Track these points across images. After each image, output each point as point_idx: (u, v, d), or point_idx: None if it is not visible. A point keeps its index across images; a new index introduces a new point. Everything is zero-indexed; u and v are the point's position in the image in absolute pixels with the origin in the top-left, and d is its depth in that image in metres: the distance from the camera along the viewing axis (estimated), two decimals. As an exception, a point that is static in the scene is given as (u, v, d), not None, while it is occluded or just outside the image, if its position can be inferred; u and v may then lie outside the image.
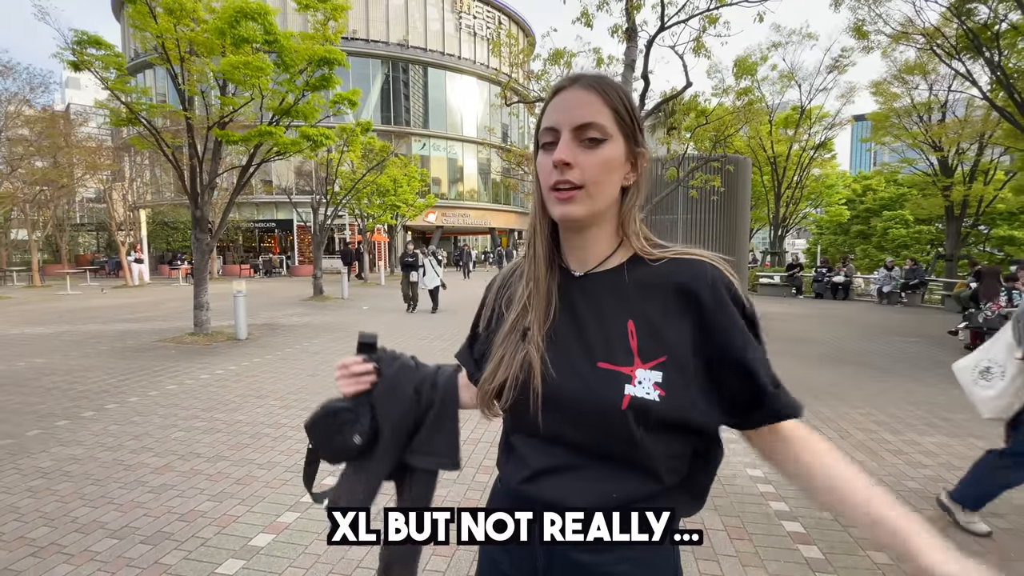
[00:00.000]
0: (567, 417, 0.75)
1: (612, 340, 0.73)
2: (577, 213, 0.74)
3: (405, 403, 0.92)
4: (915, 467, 3.57)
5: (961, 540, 2.67)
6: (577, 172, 0.72)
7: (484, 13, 35.77)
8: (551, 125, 0.74)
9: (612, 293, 0.76)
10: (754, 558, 2.49)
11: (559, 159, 0.72)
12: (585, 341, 0.75)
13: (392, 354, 0.96)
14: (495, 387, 0.80)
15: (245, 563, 2.43)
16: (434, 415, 0.93)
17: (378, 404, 0.91)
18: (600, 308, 0.76)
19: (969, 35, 9.76)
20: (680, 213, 9.31)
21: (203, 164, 8.46)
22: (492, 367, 0.81)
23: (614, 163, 0.74)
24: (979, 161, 16.63)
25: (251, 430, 4.22)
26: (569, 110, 0.73)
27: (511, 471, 0.83)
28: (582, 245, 0.79)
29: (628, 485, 0.75)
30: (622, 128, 0.74)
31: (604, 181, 0.73)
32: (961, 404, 5.05)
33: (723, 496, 3.12)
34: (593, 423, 0.73)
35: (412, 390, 0.93)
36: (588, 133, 0.72)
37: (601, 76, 0.76)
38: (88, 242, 33.98)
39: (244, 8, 7.33)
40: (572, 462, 0.77)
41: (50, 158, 19.97)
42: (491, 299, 0.89)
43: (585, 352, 0.74)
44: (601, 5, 6.33)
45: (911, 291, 13.92)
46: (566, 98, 0.74)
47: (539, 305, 0.78)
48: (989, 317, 7.38)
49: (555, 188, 0.73)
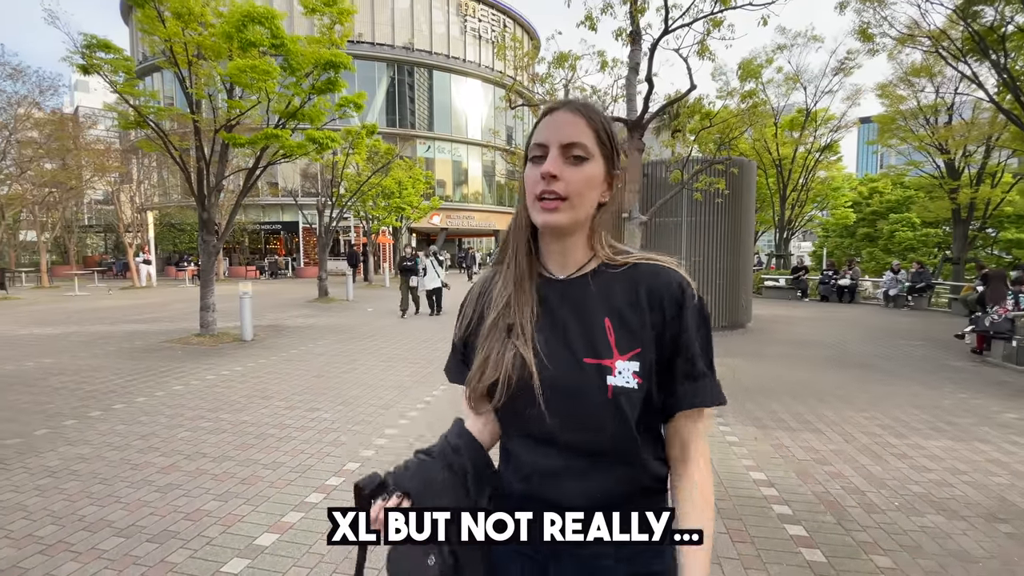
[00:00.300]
0: (558, 412, 0.79)
1: (593, 336, 0.80)
2: (560, 221, 0.81)
3: (450, 492, 0.81)
4: (919, 471, 3.56)
5: (966, 545, 2.66)
6: (562, 184, 0.79)
7: (489, 16, 35.90)
8: (541, 141, 0.82)
9: (588, 295, 0.83)
10: (756, 560, 2.49)
11: (547, 171, 0.79)
12: (568, 339, 0.81)
13: (402, 468, 0.84)
14: (485, 385, 0.83)
15: (250, 562, 2.46)
16: (472, 479, 0.84)
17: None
18: (579, 308, 0.83)
19: (975, 37, 9.72)
20: (684, 216, 9.30)
21: (210, 167, 8.54)
22: (479, 364, 0.84)
23: (595, 180, 0.82)
24: (986, 164, 16.53)
25: (256, 431, 4.25)
26: (558, 129, 0.81)
27: (510, 475, 0.86)
28: (561, 251, 0.86)
29: (621, 480, 0.80)
30: (603, 150, 0.82)
31: (585, 195, 0.81)
32: (965, 408, 5.03)
33: (726, 499, 3.12)
34: (583, 416, 0.79)
35: (443, 472, 0.82)
36: (574, 151, 0.80)
37: (588, 103, 0.84)
38: (96, 243, 34.27)
39: (251, 12, 7.40)
40: (568, 462, 0.80)
41: (59, 160, 20.18)
42: (470, 307, 0.93)
43: (569, 349, 0.81)
44: (605, 8, 6.35)
45: (917, 294, 13.83)
46: (556, 119, 0.81)
47: (524, 303, 0.84)
48: (995, 321, 7.33)
49: (540, 198, 0.80)
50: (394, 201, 20.75)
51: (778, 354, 7.59)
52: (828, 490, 3.26)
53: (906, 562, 2.50)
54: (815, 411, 4.87)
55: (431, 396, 5.30)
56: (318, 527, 2.77)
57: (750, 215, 10.14)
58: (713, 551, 2.56)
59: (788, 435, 4.22)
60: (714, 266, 9.43)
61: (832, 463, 3.68)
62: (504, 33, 28.69)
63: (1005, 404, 5.19)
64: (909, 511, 3.00)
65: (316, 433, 4.19)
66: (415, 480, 0.81)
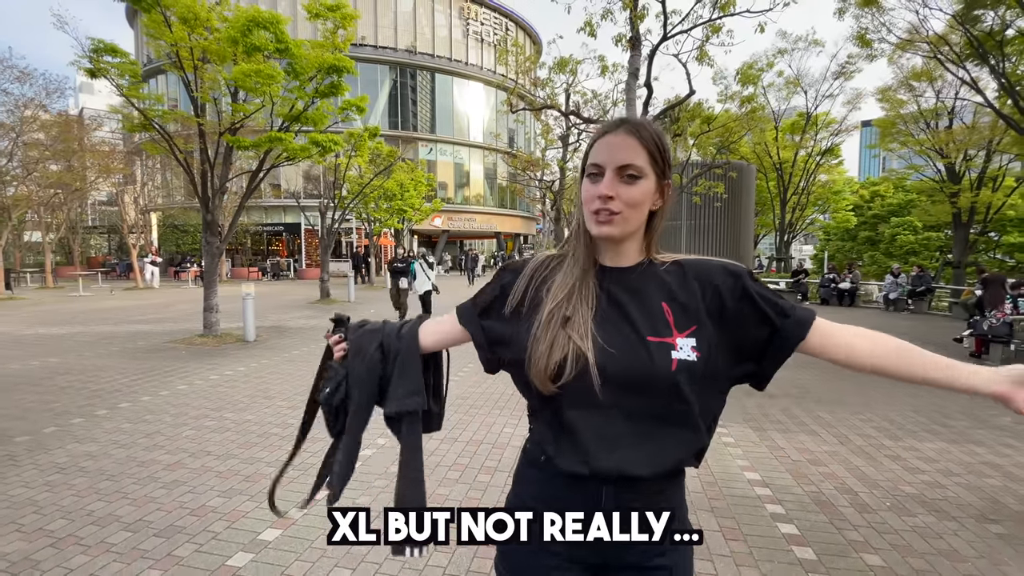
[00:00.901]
0: (624, 385, 0.89)
1: (654, 318, 0.91)
2: (613, 233, 0.92)
3: (369, 360, 1.04)
4: (912, 472, 3.61)
5: (956, 545, 2.71)
6: (616, 203, 0.89)
7: (491, 20, 36.04)
8: (597, 162, 0.91)
9: (643, 283, 0.95)
10: (748, 558, 2.55)
11: (603, 193, 0.89)
12: (631, 321, 0.91)
13: (359, 323, 1.12)
14: (553, 366, 0.89)
15: (254, 556, 2.52)
16: (399, 363, 1.04)
17: (349, 367, 1.06)
18: (638, 294, 0.94)
19: (974, 43, 9.78)
20: (684, 219, 9.38)
21: (214, 169, 8.63)
22: (544, 349, 0.90)
23: (647, 196, 0.91)
24: (987, 168, 16.55)
25: (259, 429, 4.32)
26: (612, 151, 0.89)
27: (567, 452, 0.92)
28: (615, 252, 0.97)
29: (681, 442, 0.92)
30: (655, 167, 0.91)
31: (636, 209, 0.91)
32: (961, 411, 5.08)
33: (720, 499, 3.18)
34: (649, 387, 0.88)
35: (375, 348, 1.05)
36: (628, 171, 0.89)
37: (641, 122, 0.91)
38: (100, 244, 34.44)
39: (256, 17, 7.50)
40: (633, 428, 0.91)
41: (64, 162, 20.33)
42: (522, 285, 0.98)
43: (633, 330, 0.91)
44: (605, 15, 6.43)
45: (918, 298, 13.86)
46: (611, 141, 0.90)
47: (587, 294, 0.93)
48: (994, 324, 7.37)
49: (596, 212, 0.91)
50: (396, 203, 20.85)
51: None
52: (821, 490, 3.31)
53: (896, 561, 2.55)
54: (811, 413, 4.92)
55: (432, 397, 5.36)
56: (320, 523, 2.83)
57: (749, 218, 10.21)
58: (705, 548, 2.63)
59: (783, 437, 4.27)
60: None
61: (826, 464, 3.73)
62: (506, 37, 28.80)
63: (1001, 408, 5.21)
64: (901, 511, 3.06)
65: (317, 432, 4.21)
66: (356, 335, 1.08)
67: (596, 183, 0.90)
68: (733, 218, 9.56)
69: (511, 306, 0.98)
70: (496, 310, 1.00)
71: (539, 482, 0.97)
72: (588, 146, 0.95)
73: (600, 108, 7.72)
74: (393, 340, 1.06)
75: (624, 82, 6.96)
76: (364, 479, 3.39)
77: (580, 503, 0.92)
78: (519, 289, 0.98)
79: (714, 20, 6.09)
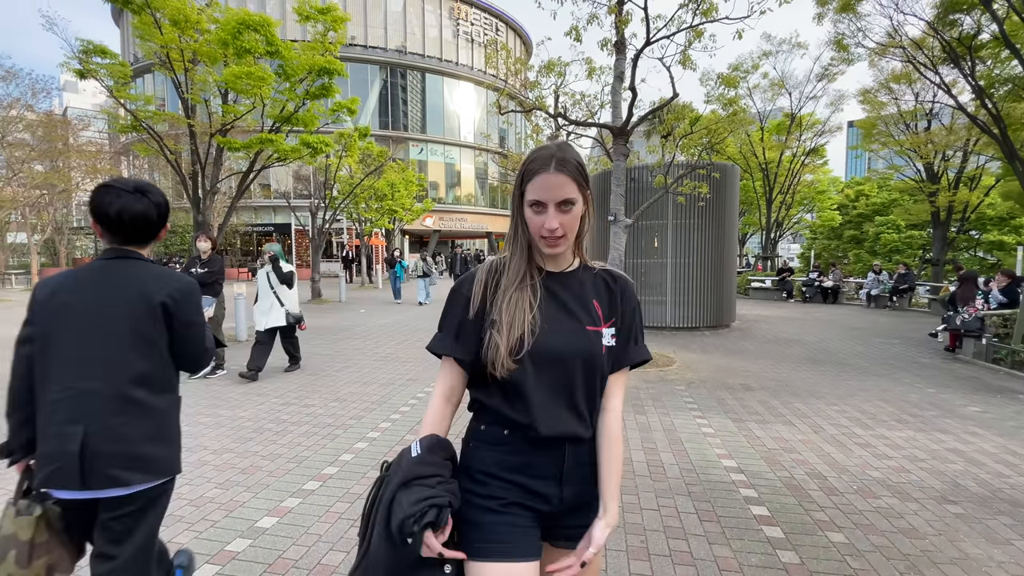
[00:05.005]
0: (564, 361, 1.11)
1: (589, 311, 1.16)
2: (561, 251, 1.14)
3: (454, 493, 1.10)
4: (880, 458, 3.80)
5: (915, 523, 2.89)
6: (560, 229, 1.08)
7: (481, 20, 36.16)
8: (539, 199, 1.08)
9: (579, 284, 1.19)
10: (720, 537, 2.71)
11: (551, 228, 1.08)
12: (572, 313, 1.15)
13: (393, 469, 1.14)
14: (515, 341, 1.08)
15: (252, 542, 2.64)
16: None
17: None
18: (575, 292, 1.17)
19: (946, 48, 10.09)
20: (670, 219, 9.57)
21: (205, 170, 8.67)
22: (506, 328, 1.09)
23: (580, 213, 1.12)
24: (964, 168, 16.98)
25: (254, 425, 4.42)
26: (551, 191, 1.07)
27: (518, 411, 1.11)
28: (555, 258, 1.18)
29: (596, 409, 1.18)
30: (581, 189, 1.09)
31: (575, 227, 1.13)
32: (931, 401, 5.31)
33: (697, 484, 3.34)
34: (584, 363, 1.13)
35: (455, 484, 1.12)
36: (566, 204, 1.08)
37: (565, 157, 1.08)
38: (86, 245, 34.04)
39: (247, 20, 7.57)
40: (570, 399, 1.13)
41: (49, 162, 20.13)
42: (479, 289, 1.16)
43: (575, 320, 1.15)
44: (591, 20, 6.59)
45: (900, 295, 14.22)
46: (549, 181, 1.07)
47: (534, 287, 1.14)
48: (966, 320, 7.64)
49: (545, 238, 1.10)
50: (387, 203, 20.89)
51: (759, 352, 7.85)
52: (793, 475, 3.49)
53: (858, 538, 2.73)
54: (788, 405, 5.12)
55: (423, 392, 5.49)
56: (316, 511, 2.95)
57: (733, 218, 10.42)
58: (681, 528, 2.79)
59: (760, 427, 4.46)
60: (698, 267, 9.70)
61: (799, 451, 3.92)
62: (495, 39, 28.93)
63: (969, 398, 5.47)
64: (866, 494, 3.24)
65: (311, 427, 4.37)
66: (455, 498, 1.09)
67: (540, 215, 1.08)
68: (718, 218, 9.76)
69: (474, 308, 1.15)
70: (466, 321, 1.15)
71: (504, 454, 1.13)
72: (523, 175, 1.10)
73: (587, 111, 7.87)
74: (448, 466, 1.12)
75: (610, 85, 7.12)
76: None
77: (552, 464, 1.13)
78: (477, 293, 1.15)
79: (695, 26, 6.27)
